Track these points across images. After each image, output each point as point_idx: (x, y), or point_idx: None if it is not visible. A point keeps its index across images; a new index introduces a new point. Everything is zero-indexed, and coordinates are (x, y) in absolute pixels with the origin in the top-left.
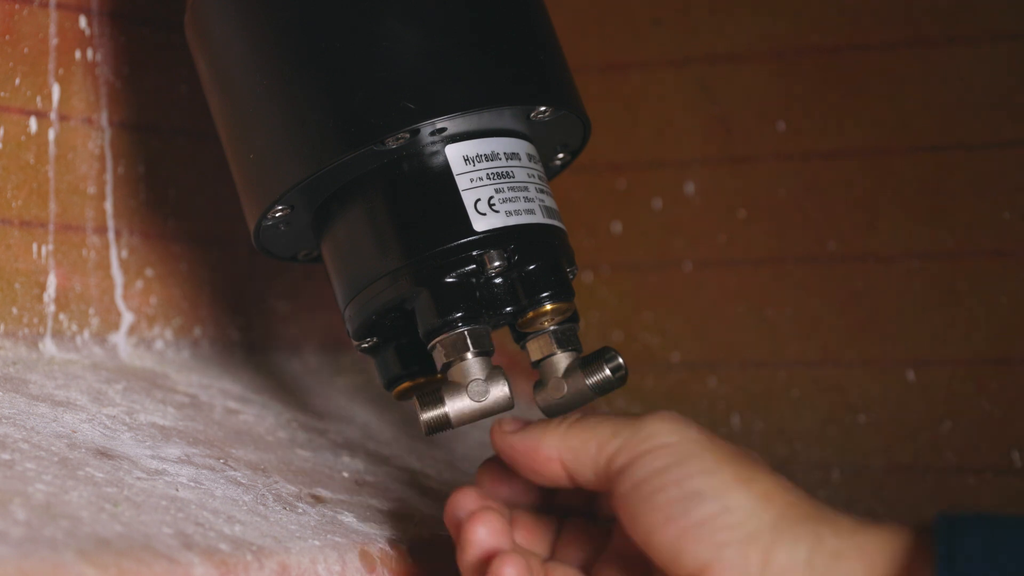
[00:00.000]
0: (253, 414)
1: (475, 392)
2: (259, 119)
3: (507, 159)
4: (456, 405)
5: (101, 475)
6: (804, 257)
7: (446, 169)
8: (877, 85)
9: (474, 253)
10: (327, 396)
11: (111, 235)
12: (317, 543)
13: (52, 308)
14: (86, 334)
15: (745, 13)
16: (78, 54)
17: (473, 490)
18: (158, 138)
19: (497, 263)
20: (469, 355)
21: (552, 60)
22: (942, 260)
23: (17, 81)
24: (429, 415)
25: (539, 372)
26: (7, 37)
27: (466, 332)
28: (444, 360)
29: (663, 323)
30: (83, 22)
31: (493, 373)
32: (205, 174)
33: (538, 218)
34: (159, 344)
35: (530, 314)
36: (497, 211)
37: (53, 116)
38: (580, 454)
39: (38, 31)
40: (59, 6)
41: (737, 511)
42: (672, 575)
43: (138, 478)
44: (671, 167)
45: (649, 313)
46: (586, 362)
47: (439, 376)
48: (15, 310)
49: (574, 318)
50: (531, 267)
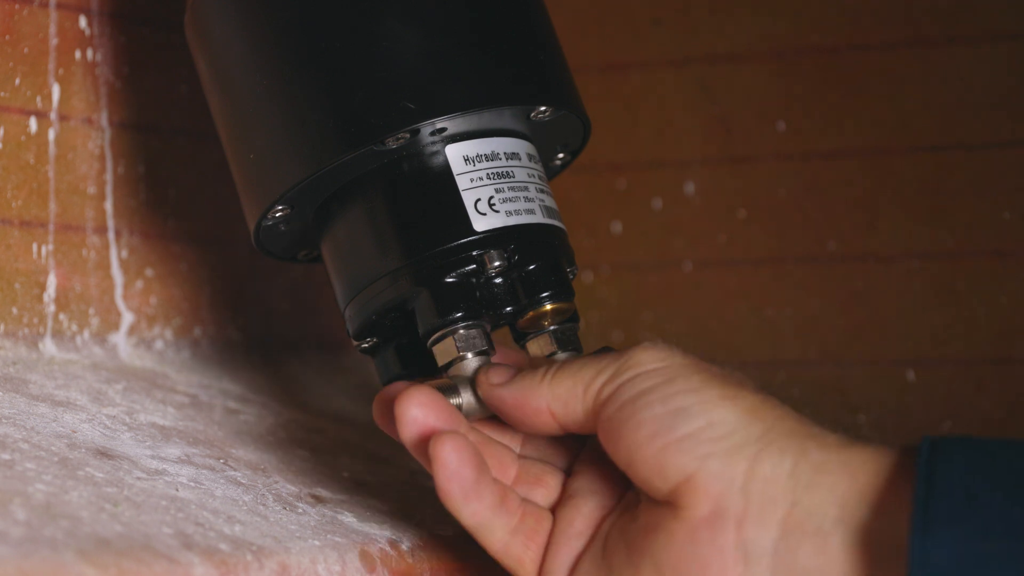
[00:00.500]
0: (253, 414)
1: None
2: (259, 119)
3: (507, 159)
4: (463, 399)
5: (101, 475)
6: (804, 257)
7: (446, 169)
8: (877, 85)
9: (474, 253)
10: (327, 396)
11: (111, 235)
12: (317, 543)
13: (52, 308)
14: (86, 334)
15: (745, 13)
16: (78, 54)
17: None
18: (158, 138)
19: (497, 263)
20: (469, 355)
21: (552, 60)
22: (942, 260)
23: (17, 81)
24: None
25: None
26: (7, 37)
27: (466, 332)
28: (444, 360)
29: (663, 323)
30: (83, 22)
31: None
32: (205, 174)
33: (538, 218)
34: (159, 344)
35: (530, 314)
36: (497, 211)
37: (53, 116)
38: (568, 401)
39: (38, 31)
40: (59, 6)
41: (722, 426)
42: (654, 491)
43: (138, 478)
44: (671, 167)
45: (649, 313)
46: None
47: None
48: (15, 310)
49: (574, 318)
50: (531, 267)
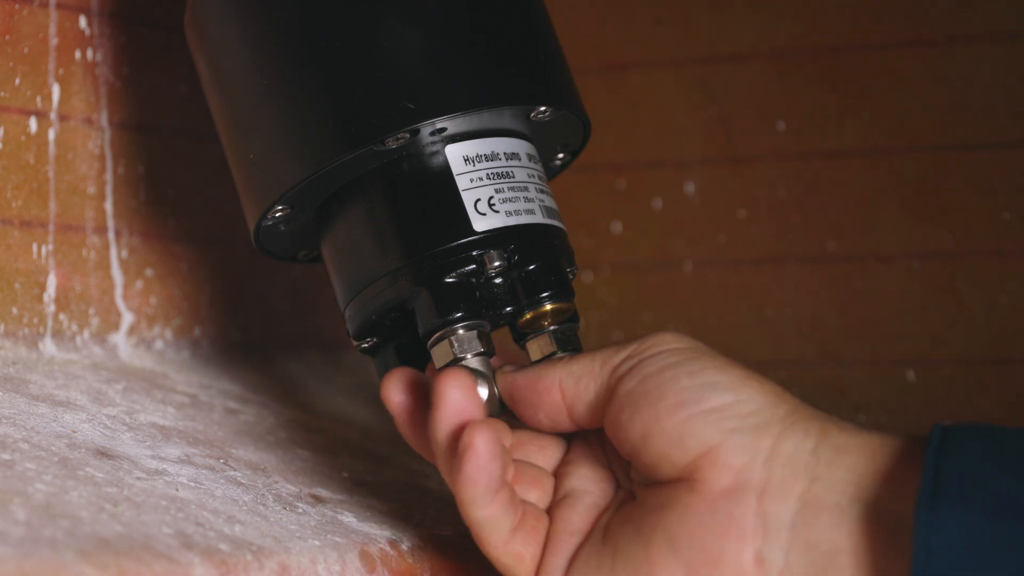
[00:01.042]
0: (253, 414)
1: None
2: (259, 119)
3: (507, 159)
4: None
5: (101, 475)
6: (804, 257)
7: (446, 169)
8: (877, 85)
9: (474, 253)
10: (327, 396)
11: (111, 235)
12: (317, 543)
13: (52, 308)
14: (86, 334)
15: (745, 13)
16: (78, 54)
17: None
18: (158, 138)
19: (497, 263)
20: (469, 355)
21: (552, 60)
22: (942, 260)
23: (17, 81)
24: None
25: None
26: (7, 37)
27: (466, 332)
28: (444, 360)
29: (663, 323)
30: (83, 22)
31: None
32: (205, 174)
33: (538, 218)
34: (159, 344)
35: (530, 314)
36: (497, 211)
37: (53, 116)
38: (582, 377)
39: (38, 31)
40: (59, 6)
41: (750, 403)
42: (668, 465)
43: (138, 478)
44: (671, 167)
45: (649, 313)
46: None
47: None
48: (15, 310)
49: (574, 318)
50: (531, 267)
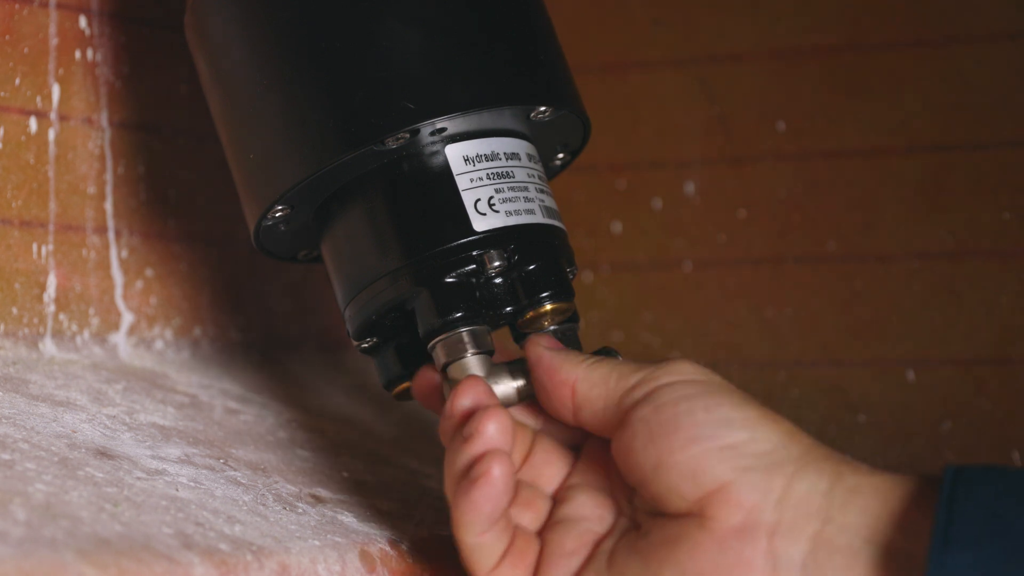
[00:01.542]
0: (253, 414)
1: None
2: (259, 119)
3: (507, 159)
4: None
5: (101, 475)
6: (804, 257)
7: (446, 169)
8: (877, 85)
9: (474, 253)
10: (327, 396)
11: (111, 235)
12: (317, 543)
13: (52, 308)
14: (86, 334)
15: (745, 13)
16: (78, 54)
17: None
18: (158, 138)
19: (497, 263)
20: (469, 355)
21: (552, 60)
22: (942, 260)
23: (17, 81)
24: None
25: None
26: (7, 37)
27: (466, 332)
28: (444, 360)
29: (663, 323)
30: (83, 22)
31: (495, 370)
32: (205, 174)
33: (538, 218)
34: (159, 344)
35: (530, 314)
36: (497, 211)
37: (53, 116)
38: (597, 384)
39: (38, 31)
40: (59, 6)
41: (765, 442)
42: (678, 499)
43: (138, 478)
44: (671, 167)
45: (649, 313)
46: None
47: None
48: (15, 310)
49: (574, 318)
50: (531, 267)
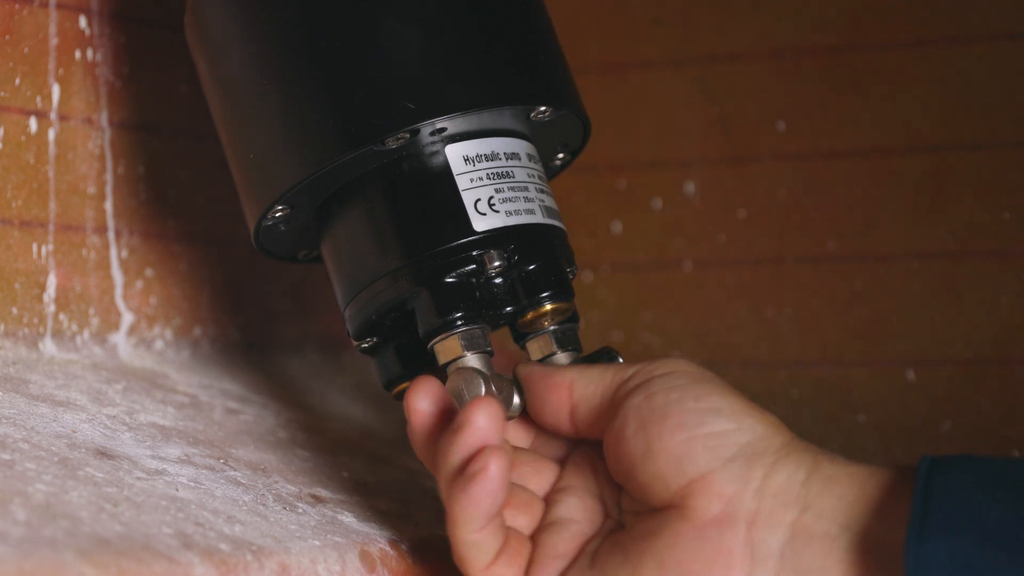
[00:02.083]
0: (253, 414)
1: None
2: (259, 119)
3: (507, 159)
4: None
5: (101, 475)
6: (804, 257)
7: (446, 169)
8: (877, 85)
9: (474, 253)
10: (327, 396)
11: (111, 235)
12: (317, 543)
13: (52, 308)
14: (86, 334)
15: (745, 13)
16: (78, 54)
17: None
18: (158, 138)
19: (497, 263)
20: (469, 355)
21: (552, 60)
22: (942, 260)
23: (17, 81)
24: None
25: None
26: (7, 37)
27: (466, 332)
28: (444, 360)
29: (663, 323)
30: (83, 22)
31: (494, 373)
32: (205, 174)
33: (538, 218)
34: (159, 344)
35: (530, 314)
36: (497, 211)
37: (53, 116)
38: (593, 381)
39: (38, 31)
40: (59, 6)
41: (749, 432)
42: (661, 489)
43: (138, 478)
44: (671, 167)
45: (649, 313)
46: (586, 362)
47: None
48: (15, 310)
49: (574, 318)
50: (531, 267)
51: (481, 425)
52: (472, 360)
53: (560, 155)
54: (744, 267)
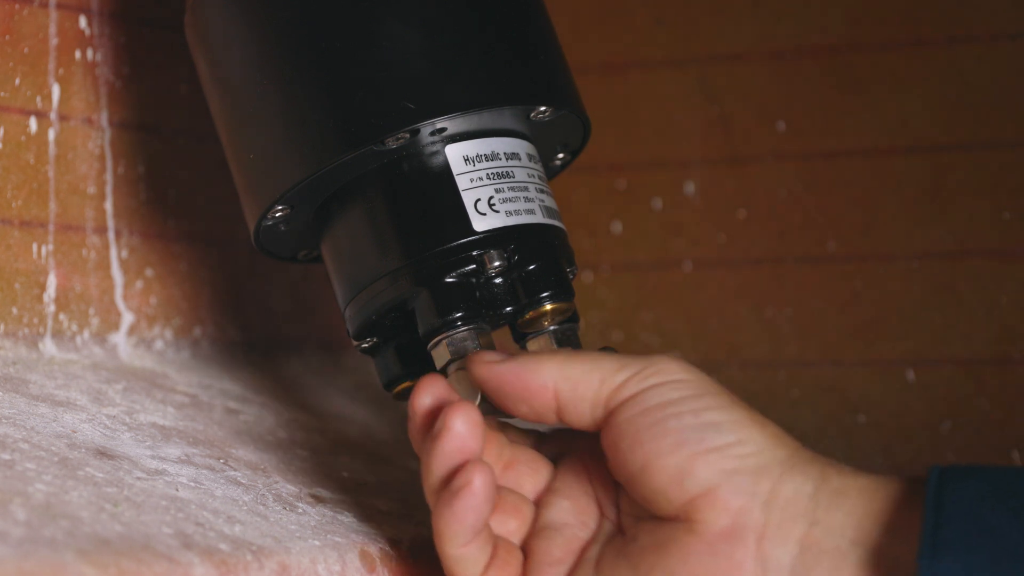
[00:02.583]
0: (253, 414)
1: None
2: (259, 119)
3: (507, 159)
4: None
5: (101, 475)
6: (804, 257)
7: (446, 169)
8: (877, 85)
9: (474, 253)
10: (327, 396)
11: (111, 235)
12: (317, 543)
13: (52, 308)
14: (86, 334)
15: (745, 13)
16: (78, 54)
17: (444, 381)
18: (158, 138)
19: (497, 263)
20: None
21: (552, 60)
22: (942, 260)
23: (17, 81)
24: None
25: None
26: (7, 37)
27: (466, 332)
28: (444, 360)
29: (663, 323)
30: (83, 22)
31: None
32: (205, 174)
33: (538, 218)
34: (159, 344)
35: (530, 314)
36: (497, 211)
37: (53, 116)
38: (580, 385)
39: (38, 31)
40: (59, 6)
41: (751, 444)
42: (665, 503)
43: (138, 478)
44: (671, 167)
45: (649, 313)
46: None
47: None
48: (15, 310)
49: (574, 318)
50: (531, 267)
51: (460, 431)
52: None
53: (560, 155)
54: (744, 267)
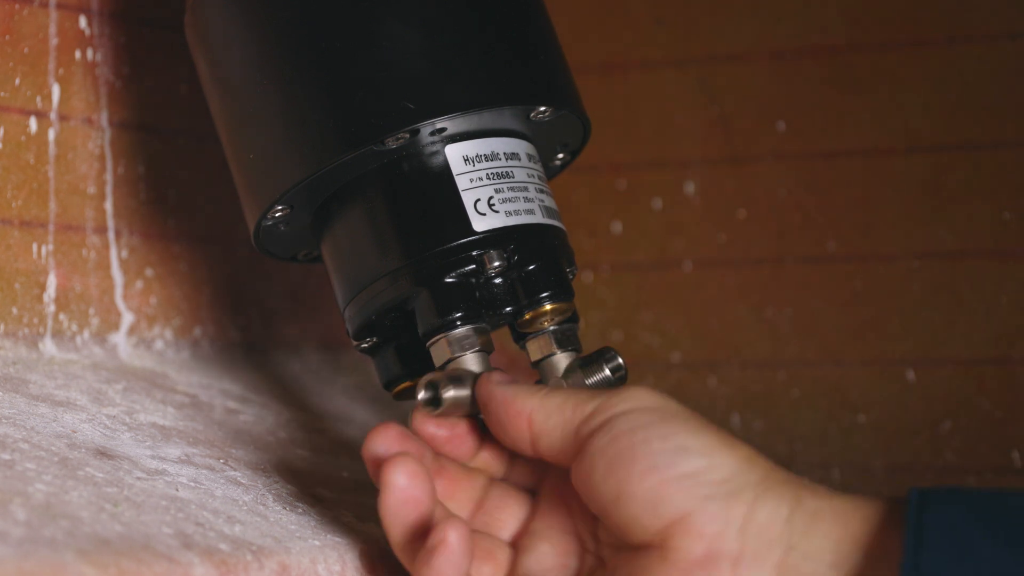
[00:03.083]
0: (253, 414)
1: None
2: (259, 119)
3: (507, 159)
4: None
5: (101, 475)
6: (804, 257)
7: (446, 169)
8: (877, 85)
9: (474, 253)
10: (327, 396)
11: (111, 235)
12: (317, 543)
13: (52, 308)
14: (86, 334)
15: (745, 13)
16: (78, 54)
17: (396, 428)
18: (158, 138)
19: (497, 263)
20: (468, 355)
21: (552, 60)
22: (942, 260)
23: (17, 81)
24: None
25: (539, 372)
26: (7, 37)
27: (465, 332)
28: (443, 360)
29: (663, 323)
30: (83, 22)
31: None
32: (205, 174)
33: (538, 218)
34: (159, 344)
35: (529, 314)
36: (497, 211)
37: (53, 116)
38: (553, 414)
39: (38, 31)
40: (59, 6)
41: (723, 469)
42: (639, 530)
43: (138, 478)
44: (671, 167)
45: (649, 313)
46: (586, 362)
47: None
48: (15, 310)
49: (574, 318)
50: (531, 267)
51: (398, 484)
52: (471, 360)
53: (560, 155)
54: (744, 267)
